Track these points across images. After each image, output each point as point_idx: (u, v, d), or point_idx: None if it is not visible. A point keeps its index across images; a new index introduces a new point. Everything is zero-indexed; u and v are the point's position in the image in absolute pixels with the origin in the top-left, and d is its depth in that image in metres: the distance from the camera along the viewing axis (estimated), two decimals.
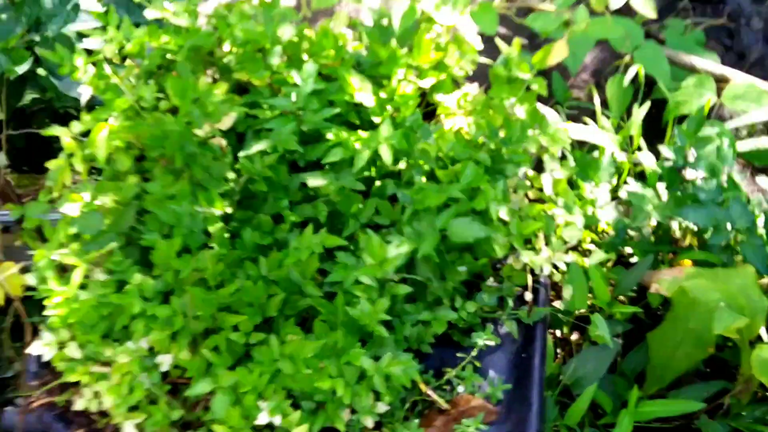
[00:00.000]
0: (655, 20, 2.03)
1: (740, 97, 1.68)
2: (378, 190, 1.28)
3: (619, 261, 1.43)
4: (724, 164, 1.35)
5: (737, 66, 2.06)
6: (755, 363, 1.07)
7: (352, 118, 1.33)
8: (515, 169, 1.31)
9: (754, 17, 2.16)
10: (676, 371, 1.19)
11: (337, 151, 1.20)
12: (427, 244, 1.13)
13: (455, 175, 1.24)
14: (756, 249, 1.23)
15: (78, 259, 1.15)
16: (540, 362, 1.20)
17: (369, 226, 1.25)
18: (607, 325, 1.16)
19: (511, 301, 1.25)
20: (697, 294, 1.15)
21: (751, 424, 1.17)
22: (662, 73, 1.72)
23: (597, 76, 1.99)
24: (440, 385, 1.19)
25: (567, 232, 1.27)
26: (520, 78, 1.37)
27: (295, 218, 1.22)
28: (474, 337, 1.22)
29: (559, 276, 1.30)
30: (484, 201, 1.21)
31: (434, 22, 1.43)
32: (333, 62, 1.34)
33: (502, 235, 1.22)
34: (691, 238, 1.43)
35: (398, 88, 1.30)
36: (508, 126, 1.30)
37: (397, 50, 1.32)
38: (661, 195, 1.38)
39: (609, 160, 1.36)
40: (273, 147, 1.22)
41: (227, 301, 1.12)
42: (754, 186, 1.77)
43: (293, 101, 1.23)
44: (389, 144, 1.20)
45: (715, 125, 1.52)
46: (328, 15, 1.51)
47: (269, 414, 1.06)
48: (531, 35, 2.02)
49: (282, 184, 1.26)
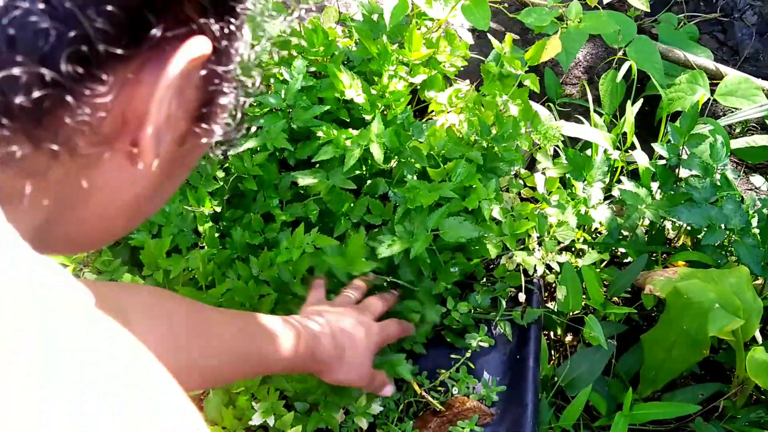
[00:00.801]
0: (649, 14, 2.02)
1: (733, 93, 1.67)
2: (369, 188, 1.26)
3: (612, 261, 1.42)
4: (718, 162, 1.34)
5: (731, 61, 2.05)
6: (750, 365, 1.06)
7: (342, 115, 1.31)
8: (507, 168, 1.30)
9: (747, 12, 2.15)
10: (670, 373, 1.18)
11: (327, 150, 1.18)
12: (419, 245, 1.12)
13: (447, 174, 1.22)
14: (750, 249, 1.22)
15: (66, 259, 1.13)
16: (534, 364, 1.19)
17: (360, 225, 1.24)
18: (601, 327, 1.15)
19: (504, 302, 1.24)
20: (691, 295, 1.14)
21: (746, 427, 1.16)
22: (655, 69, 1.71)
23: (590, 72, 1.98)
24: (434, 387, 1.19)
25: (560, 231, 1.26)
26: (513, 74, 1.35)
27: (286, 217, 1.20)
28: (468, 338, 1.21)
29: (553, 277, 1.29)
30: (477, 200, 1.20)
31: (426, 18, 1.42)
32: (323, 58, 1.32)
33: (495, 235, 1.21)
34: (685, 238, 1.42)
35: (389, 84, 1.28)
36: (500, 123, 1.28)
37: (388, 46, 1.31)
38: (654, 194, 1.37)
39: (602, 158, 1.34)
40: (263, 145, 1.20)
41: (218, 301, 1.11)
42: (748, 185, 1.76)
43: (282, 98, 1.21)
44: (380, 142, 1.18)
45: (709, 122, 1.51)
46: (318, 10, 1.49)
47: (262, 415, 1.06)
48: (523, 30, 2.00)
49: (272, 183, 1.24)
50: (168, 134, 0.44)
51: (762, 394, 1.24)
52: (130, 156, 0.42)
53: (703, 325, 1.09)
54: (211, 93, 0.45)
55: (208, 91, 0.45)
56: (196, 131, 0.46)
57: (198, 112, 0.46)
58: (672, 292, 1.16)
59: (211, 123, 0.47)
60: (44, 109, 0.36)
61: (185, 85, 0.43)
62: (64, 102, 0.36)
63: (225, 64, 0.44)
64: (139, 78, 0.40)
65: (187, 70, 0.41)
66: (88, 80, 0.37)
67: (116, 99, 0.39)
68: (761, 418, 1.16)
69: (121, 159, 0.43)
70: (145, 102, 0.40)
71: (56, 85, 0.35)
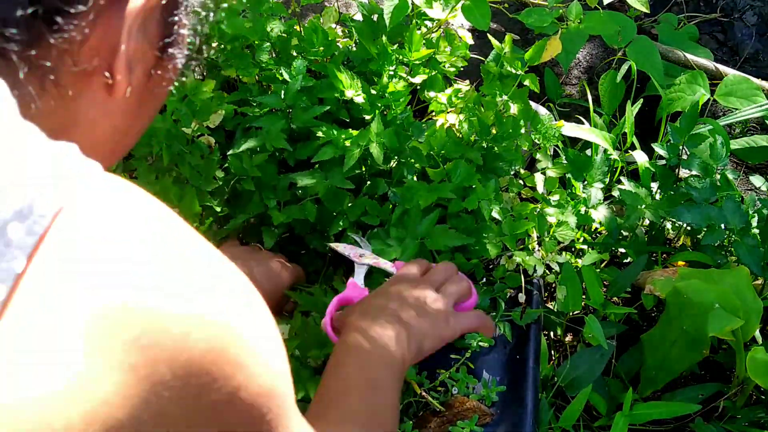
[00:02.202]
0: (649, 15, 2.02)
1: (733, 93, 1.67)
2: (368, 189, 1.26)
3: (612, 261, 1.42)
4: (718, 163, 1.34)
5: (731, 61, 2.05)
6: (750, 365, 1.06)
7: (342, 115, 1.31)
8: (507, 168, 1.30)
9: (747, 12, 2.15)
10: (670, 373, 1.18)
11: (327, 150, 1.18)
12: (405, 257, 1.13)
13: (446, 174, 1.22)
14: (750, 249, 1.22)
15: None
16: (534, 364, 1.19)
17: (358, 226, 1.24)
18: (601, 327, 1.15)
19: (503, 304, 1.23)
20: (691, 295, 1.14)
21: (746, 427, 1.16)
22: (655, 69, 1.71)
23: (590, 72, 1.98)
24: (434, 387, 1.18)
25: (560, 231, 1.26)
26: (513, 74, 1.35)
27: (284, 218, 1.20)
28: (467, 338, 1.21)
29: (553, 277, 1.29)
30: (476, 200, 1.20)
31: (426, 18, 1.42)
32: (323, 58, 1.32)
33: (495, 235, 1.21)
34: (685, 238, 1.42)
35: (389, 84, 1.28)
36: (500, 123, 1.28)
37: (388, 46, 1.30)
38: (654, 194, 1.37)
39: (602, 158, 1.34)
40: (262, 145, 1.20)
41: None
42: (748, 185, 1.76)
43: (282, 99, 1.21)
44: (379, 142, 1.18)
45: (709, 122, 1.51)
46: (318, 10, 1.49)
47: None
48: (523, 30, 2.00)
49: (270, 184, 1.24)
50: (138, 65, 0.50)
51: (762, 394, 1.24)
52: (106, 87, 0.49)
53: (703, 325, 1.09)
54: (171, 25, 0.52)
55: (168, 23, 0.52)
56: (161, 62, 0.53)
57: (162, 44, 0.52)
58: (672, 292, 1.16)
59: (174, 53, 0.54)
60: (38, 26, 0.42)
61: (149, 18, 0.49)
62: (53, 22, 0.42)
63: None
64: (109, 9, 0.46)
65: (148, 4, 0.47)
66: (72, 5, 0.43)
67: (92, 28, 0.45)
68: (761, 419, 1.16)
69: (98, 91, 0.49)
70: (116, 33, 0.47)
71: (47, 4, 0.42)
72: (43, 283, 0.36)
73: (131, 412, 0.37)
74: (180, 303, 0.40)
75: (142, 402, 0.37)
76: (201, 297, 0.41)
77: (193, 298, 0.40)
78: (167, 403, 0.39)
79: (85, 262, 0.38)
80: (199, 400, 0.40)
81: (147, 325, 0.38)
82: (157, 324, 0.38)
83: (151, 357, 0.37)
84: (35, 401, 0.34)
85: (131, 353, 0.37)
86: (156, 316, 0.38)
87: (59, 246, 0.38)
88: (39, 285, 0.36)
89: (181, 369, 0.39)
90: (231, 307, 0.43)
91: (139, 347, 0.37)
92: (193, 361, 0.39)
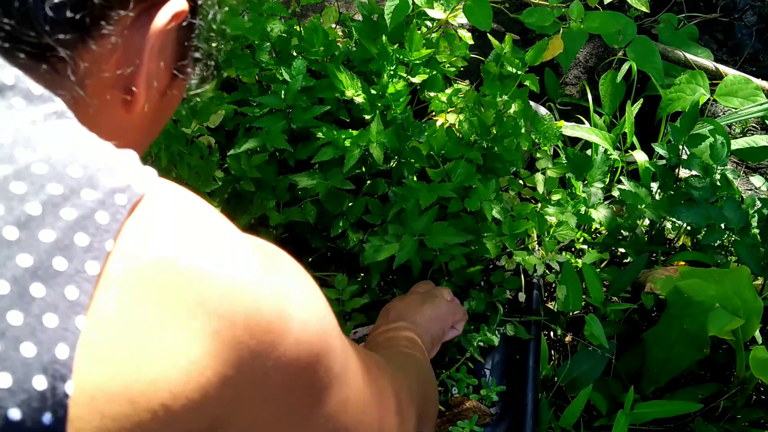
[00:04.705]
0: (649, 14, 2.02)
1: (733, 93, 1.67)
2: (368, 189, 1.26)
3: (612, 261, 1.42)
4: (718, 163, 1.34)
5: (731, 61, 2.05)
6: (753, 364, 1.06)
7: (342, 115, 1.31)
8: (507, 168, 1.30)
9: (747, 12, 2.15)
10: (671, 372, 1.18)
11: (327, 151, 1.18)
12: (404, 253, 1.13)
13: (447, 174, 1.22)
14: (750, 249, 1.22)
15: None
16: (534, 364, 1.19)
17: (358, 225, 1.24)
18: (601, 327, 1.15)
19: (501, 308, 1.23)
20: (692, 294, 1.14)
21: (746, 427, 1.16)
22: (655, 69, 1.70)
23: (590, 72, 1.98)
24: None
25: (560, 231, 1.26)
26: (513, 74, 1.35)
27: (281, 220, 1.20)
28: (467, 338, 1.21)
29: (553, 277, 1.29)
30: (477, 200, 1.20)
31: (426, 18, 1.41)
32: (323, 58, 1.32)
33: (495, 235, 1.21)
34: (685, 238, 1.42)
35: (389, 84, 1.28)
36: (500, 123, 1.28)
37: (388, 46, 1.30)
38: (654, 194, 1.37)
39: (602, 158, 1.34)
40: (263, 145, 1.20)
41: None
42: (748, 185, 1.76)
43: (282, 99, 1.21)
44: (379, 142, 1.18)
45: (709, 122, 1.51)
46: (318, 10, 1.49)
47: None
48: (523, 30, 2.00)
49: (269, 185, 1.24)
50: (155, 83, 0.53)
51: (762, 394, 1.24)
52: (124, 104, 0.52)
53: (704, 324, 1.09)
54: (186, 48, 0.55)
55: (185, 46, 0.55)
56: (174, 83, 0.56)
57: (176, 65, 0.55)
58: (672, 291, 1.16)
59: (187, 75, 0.57)
60: (85, 30, 0.45)
61: (167, 40, 0.52)
62: (100, 27, 0.46)
63: (197, 20, 0.54)
64: (136, 23, 0.48)
65: (169, 24, 0.50)
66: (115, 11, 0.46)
67: (123, 39, 0.48)
68: (761, 418, 1.16)
69: (116, 108, 0.52)
70: (139, 49, 0.49)
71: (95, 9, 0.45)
72: (131, 263, 0.42)
73: (219, 369, 0.44)
74: (251, 278, 0.47)
75: (225, 361, 0.44)
76: (262, 271, 0.48)
77: (260, 274, 0.48)
78: (248, 358, 0.46)
79: (165, 240, 0.44)
80: (271, 353, 0.48)
81: (225, 296, 0.45)
82: (233, 294, 0.45)
83: (229, 321, 0.44)
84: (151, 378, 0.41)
85: (213, 321, 0.44)
86: (231, 287, 0.45)
87: (141, 229, 0.43)
88: (127, 263, 0.42)
89: (256, 327, 0.46)
90: (291, 279, 0.51)
91: (219, 315, 0.44)
92: (262, 322, 0.47)
